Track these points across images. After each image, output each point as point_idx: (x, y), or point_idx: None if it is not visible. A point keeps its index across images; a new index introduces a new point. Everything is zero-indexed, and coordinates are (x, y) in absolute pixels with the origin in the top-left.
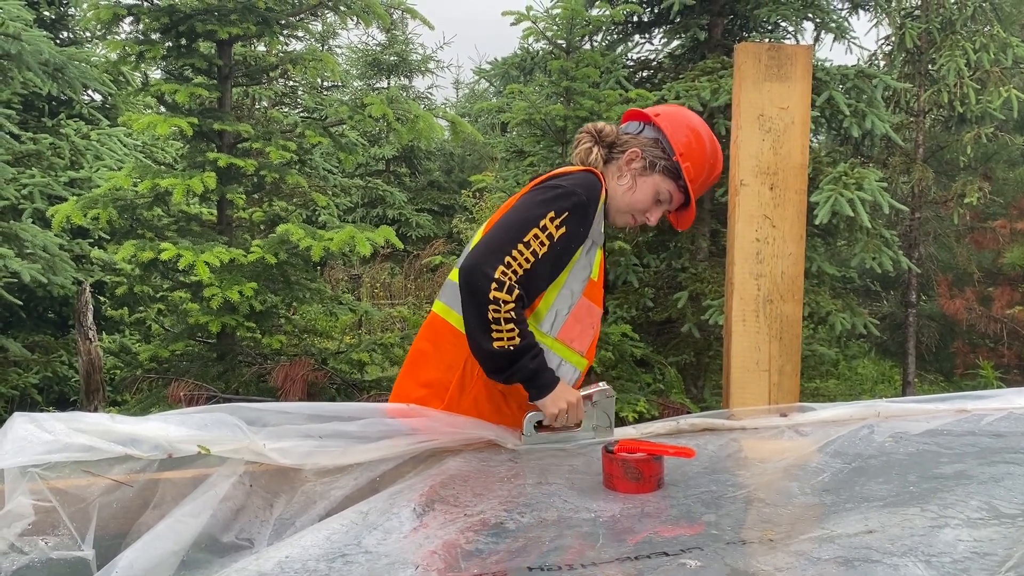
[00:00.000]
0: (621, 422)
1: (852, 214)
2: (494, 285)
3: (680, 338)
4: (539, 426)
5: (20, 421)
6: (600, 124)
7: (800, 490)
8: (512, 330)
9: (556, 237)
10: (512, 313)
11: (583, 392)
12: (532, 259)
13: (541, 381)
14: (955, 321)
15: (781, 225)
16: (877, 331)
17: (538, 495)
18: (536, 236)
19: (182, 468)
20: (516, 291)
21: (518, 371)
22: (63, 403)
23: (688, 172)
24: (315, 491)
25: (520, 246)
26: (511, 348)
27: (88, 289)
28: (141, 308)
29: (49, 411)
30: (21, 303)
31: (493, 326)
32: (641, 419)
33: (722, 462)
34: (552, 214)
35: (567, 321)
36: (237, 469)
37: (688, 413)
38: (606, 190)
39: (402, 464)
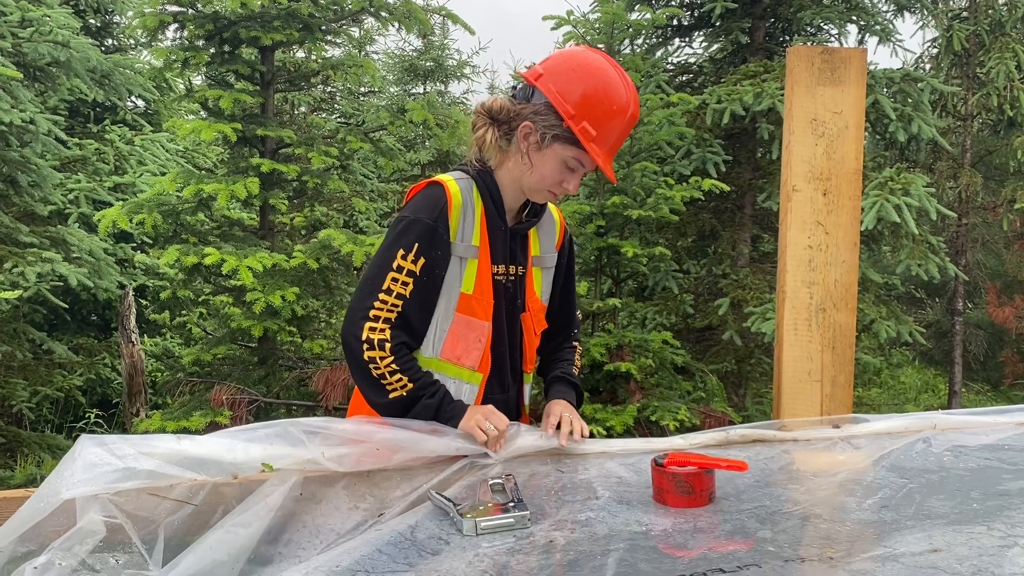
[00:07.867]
0: (662, 431)
1: (898, 220)
2: (365, 346)
3: (721, 345)
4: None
5: (88, 445)
6: (490, 101)
7: (857, 506)
8: (399, 379)
9: (418, 271)
10: (394, 365)
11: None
12: (400, 303)
13: (447, 413)
14: (1004, 329)
15: (835, 232)
16: (923, 339)
17: (587, 509)
18: (395, 279)
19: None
20: (389, 344)
21: (421, 411)
22: (106, 404)
23: (585, 133)
24: (365, 500)
25: (382, 295)
26: (405, 394)
27: (131, 293)
28: (183, 312)
29: (92, 412)
30: (66, 306)
31: (381, 381)
32: (682, 427)
33: (774, 475)
34: (402, 251)
35: (447, 340)
36: (288, 478)
37: (730, 422)
38: (497, 181)
39: (453, 473)
